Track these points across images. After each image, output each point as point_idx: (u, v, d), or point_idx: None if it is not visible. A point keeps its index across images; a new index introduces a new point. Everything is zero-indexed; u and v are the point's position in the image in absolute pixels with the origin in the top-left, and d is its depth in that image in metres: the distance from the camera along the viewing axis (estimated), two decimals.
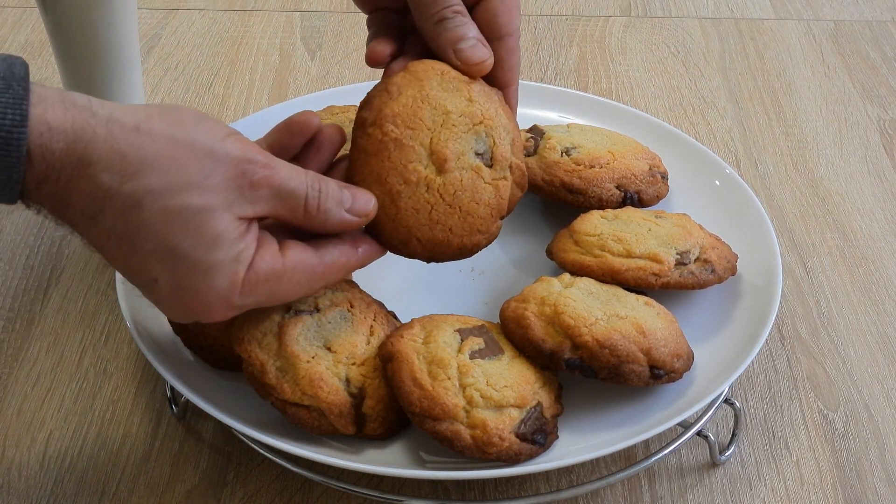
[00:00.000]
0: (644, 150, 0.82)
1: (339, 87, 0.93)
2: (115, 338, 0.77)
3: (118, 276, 0.72)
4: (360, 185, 0.61)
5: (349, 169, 0.63)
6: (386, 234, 0.62)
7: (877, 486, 0.69)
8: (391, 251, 0.64)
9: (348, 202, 0.59)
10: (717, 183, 0.83)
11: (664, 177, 0.82)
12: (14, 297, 0.81)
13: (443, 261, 0.64)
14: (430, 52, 0.65)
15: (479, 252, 0.78)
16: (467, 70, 0.63)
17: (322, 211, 0.58)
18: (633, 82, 1.06)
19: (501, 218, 0.65)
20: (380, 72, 0.68)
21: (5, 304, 0.80)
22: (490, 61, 0.63)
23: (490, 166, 0.64)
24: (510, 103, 0.66)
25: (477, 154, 0.63)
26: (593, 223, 0.74)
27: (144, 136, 0.52)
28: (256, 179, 0.55)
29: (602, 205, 0.78)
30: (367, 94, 0.64)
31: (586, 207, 0.77)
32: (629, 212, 0.75)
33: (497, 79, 0.65)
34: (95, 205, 0.53)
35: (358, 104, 0.65)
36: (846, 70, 1.08)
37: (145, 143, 0.52)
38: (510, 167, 0.64)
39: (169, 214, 0.53)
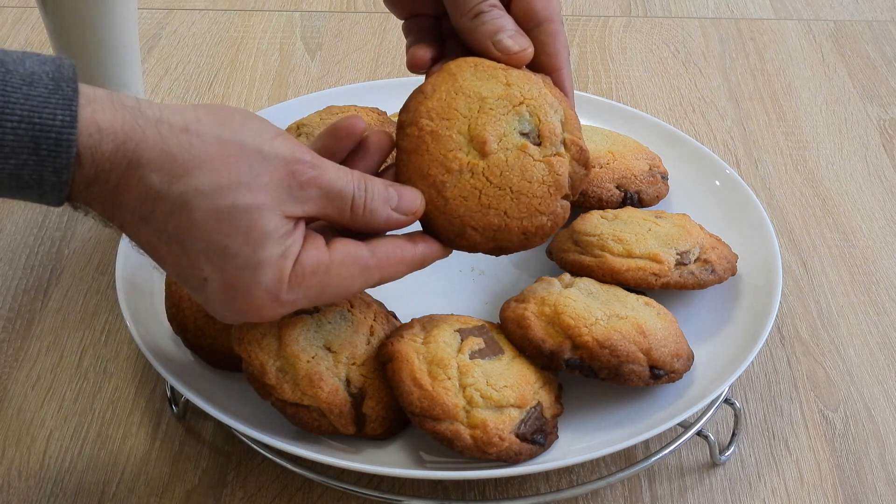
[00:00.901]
0: (644, 150, 0.83)
1: (339, 87, 0.93)
2: (115, 338, 0.77)
3: (118, 275, 0.72)
4: (405, 184, 0.61)
5: (396, 173, 0.62)
6: (440, 229, 0.61)
7: (877, 486, 0.69)
8: (451, 247, 0.62)
9: (395, 200, 0.59)
10: (717, 183, 0.83)
11: (664, 177, 0.82)
12: (14, 297, 0.81)
13: (512, 250, 0.62)
14: (469, 53, 0.64)
15: (479, 252, 0.79)
16: (508, 61, 0.63)
17: (368, 210, 0.58)
18: (633, 82, 1.06)
19: (565, 198, 0.62)
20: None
21: (5, 304, 0.80)
22: (530, 50, 0.63)
23: (539, 144, 0.62)
24: (564, 87, 0.65)
25: (522, 134, 0.62)
26: (593, 223, 0.74)
27: (193, 136, 0.53)
28: (305, 179, 0.55)
29: (602, 205, 0.78)
30: (407, 99, 0.63)
31: (586, 207, 0.77)
32: (629, 212, 0.75)
33: (543, 65, 0.65)
34: (146, 206, 0.53)
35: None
36: (846, 70, 1.08)
37: (194, 143, 0.52)
38: (564, 143, 0.62)
39: (219, 214, 0.53)
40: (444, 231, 0.61)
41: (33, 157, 0.49)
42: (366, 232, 0.59)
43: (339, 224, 0.58)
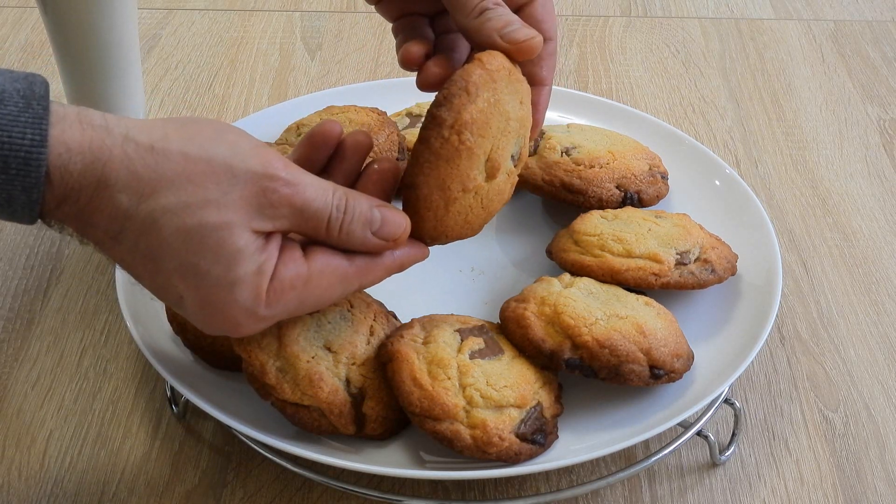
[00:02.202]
0: (644, 150, 0.83)
1: (339, 87, 0.93)
2: (115, 338, 0.77)
3: (118, 275, 0.72)
4: (421, 186, 0.59)
5: (410, 164, 0.60)
6: (423, 231, 0.61)
7: (877, 486, 0.69)
8: (418, 238, 0.61)
9: (377, 224, 0.58)
10: (717, 183, 0.83)
11: (664, 177, 0.82)
12: (14, 297, 0.81)
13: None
14: (460, 51, 0.65)
15: (479, 252, 0.79)
16: (517, 51, 0.61)
17: (345, 232, 0.56)
18: (633, 82, 1.06)
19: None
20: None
21: (5, 304, 0.80)
22: (539, 38, 0.61)
23: (515, 166, 0.64)
24: (540, 102, 0.65)
25: (512, 157, 0.63)
26: (593, 223, 0.74)
27: (159, 155, 0.52)
28: (276, 198, 0.54)
29: (602, 205, 0.78)
30: (445, 90, 0.60)
31: (586, 207, 0.77)
32: (629, 212, 0.75)
33: (534, 76, 0.64)
34: (116, 224, 0.53)
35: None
36: (846, 70, 1.08)
37: (160, 162, 0.52)
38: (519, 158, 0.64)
39: (187, 232, 0.53)
40: (429, 235, 0.61)
41: (2, 175, 0.49)
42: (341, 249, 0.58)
43: (313, 239, 0.57)
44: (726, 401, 0.69)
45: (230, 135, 0.54)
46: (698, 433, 0.67)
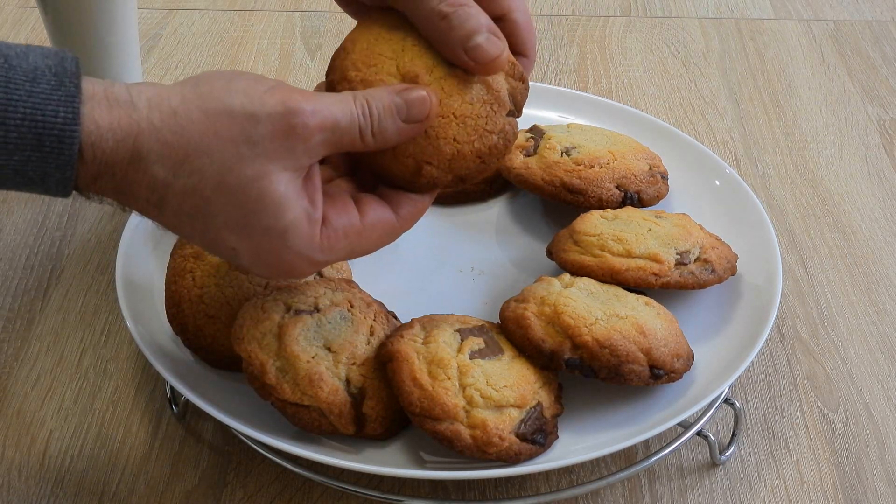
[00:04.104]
0: (644, 150, 0.83)
1: None
2: (115, 338, 0.77)
3: (118, 275, 0.72)
4: (374, 154, 0.59)
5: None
6: (396, 173, 0.60)
7: (877, 486, 0.69)
8: (412, 190, 0.60)
9: (404, 111, 0.57)
10: (717, 183, 0.83)
11: (664, 177, 0.82)
12: (14, 297, 0.80)
13: (471, 178, 0.61)
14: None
15: (479, 252, 0.79)
16: (480, 70, 0.59)
17: (378, 132, 0.57)
18: (633, 82, 1.06)
19: (510, 114, 0.61)
20: None
21: (5, 304, 0.80)
22: (505, 53, 0.59)
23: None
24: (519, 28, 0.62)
25: (450, 64, 0.60)
26: (593, 223, 0.74)
27: (183, 118, 0.52)
28: (306, 132, 0.54)
29: (602, 205, 0.78)
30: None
31: (586, 207, 0.77)
32: (629, 212, 0.75)
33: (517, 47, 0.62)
34: (156, 194, 0.53)
35: None
36: (846, 70, 1.08)
37: (185, 126, 0.52)
38: None
39: (228, 190, 0.53)
40: (401, 174, 0.60)
41: (37, 153, 0.50)
42: (382, 150, 0.58)
43: (354, 152, 0.58)
44: (726, 401, 0.69)
45: (240, 82, 0.55)
46: (698, 433, 0.67)
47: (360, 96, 0.57)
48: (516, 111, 0.62)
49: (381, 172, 0.60)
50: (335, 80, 0.61)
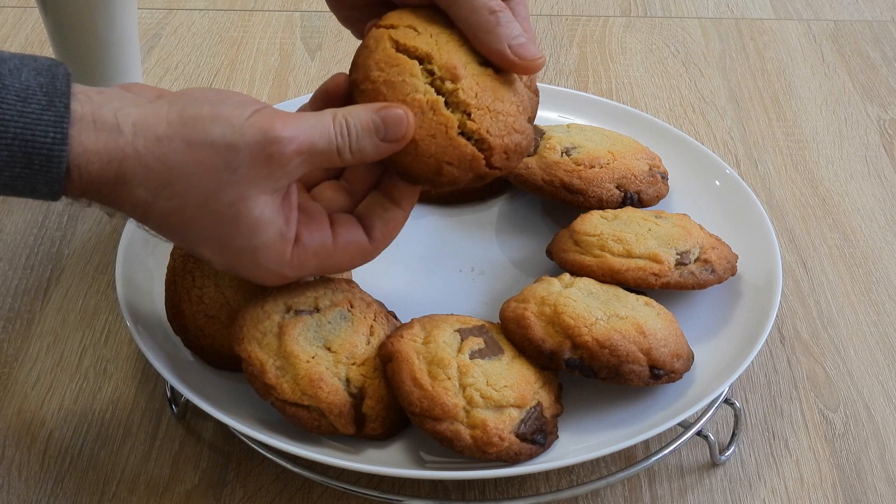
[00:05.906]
0: (644, 150, 0.82)
1: None
2: (115, 338, 0.77)
3: (118, 275, 0.72)
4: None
5: None
6: (417, 173, 0.61)
7: (877, 486, 0.69)
8: (433, 188, 0.62)
9: (382, 129, 0.59)
10: (717, 183, 0.83)
11: (664, 177, 0.82)
12: (14, 297, 0.81)
13: (494, 175, 0.62)
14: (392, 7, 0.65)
15: (479, 252, 0.79)
16: (520, 68, 0.62)
17: (356, 150, 0.58)
18: (633, 82, 1.06)
19: (529, 120, 0.63)
20: None
21: (5, 304, 0.80)
22: (543, 58, 0.62)
23: (499, 71, 0.62)
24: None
25: (481, 64, 0.62)
26: (593, 223, 0.74)
27: (166, 146, 0.55)
28: (283, 158, 0.56)
29: (602, 205, 0.78)
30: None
31: (586, 207, 0.77)
32: (629, 212, 0.75)
33: None
34: (139, 211, 0.57)
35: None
36: (846, 70, 1.08)
37: (167, 154, 0.55)
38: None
39: (208, 213, 0.56)
40: (422, 174, 0.61)
41: (26, 170, 0.52)
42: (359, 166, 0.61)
43: (332, 168, 0.61)
44: (726, 401, 0.69)
45: (225, 108, 0.56)
46: (698, 433, 0.67)
47: (340, 115, 0.58)
48: (531, 118, 0.64)
49: (403, 171, 0.62)
50: (358, 80, 0.62)
